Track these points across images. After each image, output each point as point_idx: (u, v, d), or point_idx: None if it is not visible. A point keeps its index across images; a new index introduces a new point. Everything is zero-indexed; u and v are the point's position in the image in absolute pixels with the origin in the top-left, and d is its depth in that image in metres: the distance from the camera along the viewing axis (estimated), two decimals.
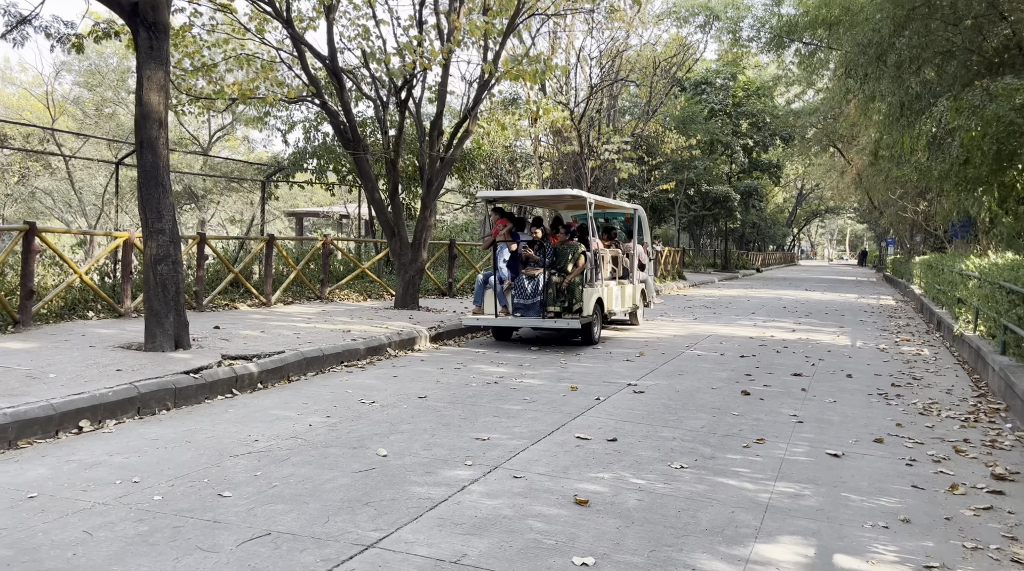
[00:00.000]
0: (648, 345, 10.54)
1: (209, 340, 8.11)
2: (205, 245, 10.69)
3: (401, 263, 12.30)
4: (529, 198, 10.81)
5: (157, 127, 6.92)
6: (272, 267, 11.87)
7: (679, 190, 32.95)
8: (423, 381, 7.39)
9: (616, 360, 9.09)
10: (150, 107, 6.88)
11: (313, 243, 13.83)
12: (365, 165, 11.94)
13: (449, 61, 11.76)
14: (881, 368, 9.01)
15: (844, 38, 16.29)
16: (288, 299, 12.69)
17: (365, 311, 12.08)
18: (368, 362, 8.55)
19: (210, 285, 11.57)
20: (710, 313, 16.15)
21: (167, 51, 7.04)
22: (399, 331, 9.70)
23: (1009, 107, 9.15)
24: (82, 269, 9.54)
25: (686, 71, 38.60)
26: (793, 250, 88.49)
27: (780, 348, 10.53)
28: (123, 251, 9.70)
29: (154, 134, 6.89)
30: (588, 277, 10.42)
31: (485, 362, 8.73)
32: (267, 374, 7.02)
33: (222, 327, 9.30)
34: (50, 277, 10.16)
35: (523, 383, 7.42)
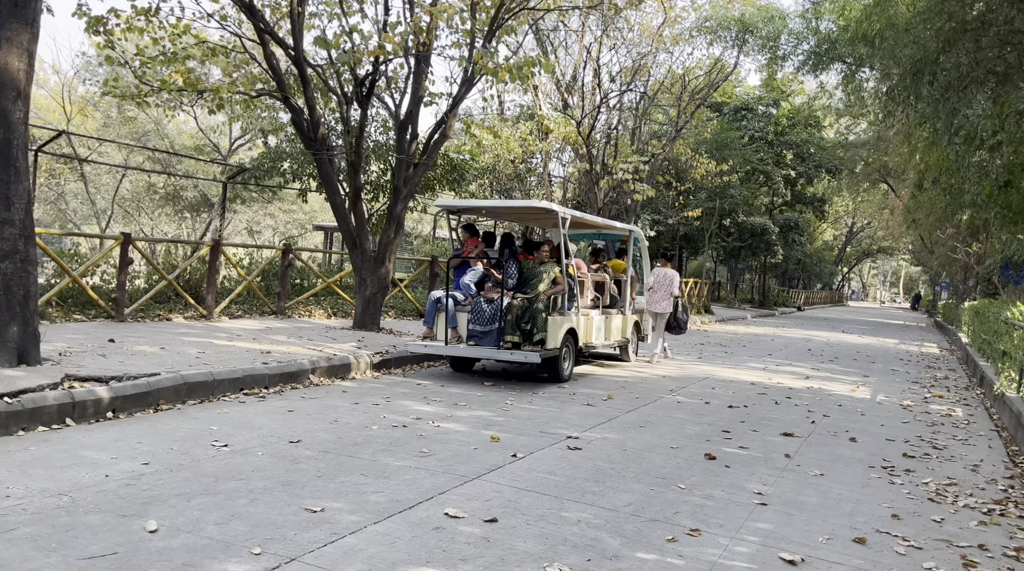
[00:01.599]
0: (626, 386, 9.20)
1: (75, 357, 7.03)
2: (130, 247, 9.71)
3: (361, 278, 11.18)
4: (492, 209, 9.61)
5: (14, 98, 5.93)
6: (216, 276, 10.82)
7: (710, 219, 31.43)
8: (318, 419, 6.19)
9: (575, 403, 7.77)
10: (7, 74, 5.90)
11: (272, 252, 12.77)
12: (327, 167, 10.90)
13: (423, 57, 10.70)
14: (897, 431, 7.52)
15: (886, 55, 14.85)
16: (237, 313, 11.65)
17: (316, 330, 10.96)
18: (276, 391, 7.39)
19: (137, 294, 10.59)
20: (721, 351, 14.68)
21: (37, 10, 6.07)
22: (331, 356, 8.53)
23: None
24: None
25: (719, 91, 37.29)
26: (841, 290, 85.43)
27: (782, 398, 9.08)
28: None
29: (8, 106, 5.90)
30: (559, 304, 9.14)
31: (416, 398, 7.50)
32: (125, 401, 5.89)
33: (119, 340, 8.25)
34: None
35: (439, 428, 6.17)
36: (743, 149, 30.35)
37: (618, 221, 21.82)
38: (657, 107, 26.10)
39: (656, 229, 25.48)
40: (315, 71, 10.77)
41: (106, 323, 9.55)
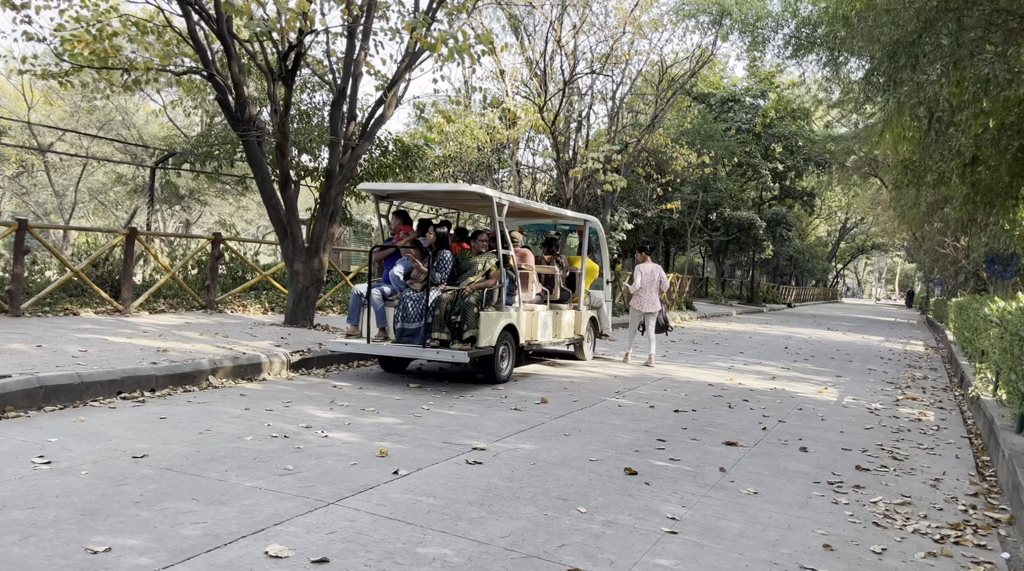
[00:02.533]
0: (569, 388, 8.50)
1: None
2: (26, 233, 8.95)
3: (293, 270, 10.44)
4: (422, 194, 8.87)
5: None
6: (131, 268, 10.06)
7: (693, 213, 30.74)
8: (188, 429, 5.47)
9: (501, 408, 7.07)
10: None
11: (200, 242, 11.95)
12: (255, 149, 10.16)
13: (364, 31, 9.94)
14: (856, 438, 6.84)
15: (864, 36, 14.16)
16: (160, 308, 10.89)
17: (242, 326, 10.22)
18: (163, 394, 6.66)
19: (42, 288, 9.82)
20: (690, 350, 14.00)
21: None
22: (237, 355, 7.80)
23: None
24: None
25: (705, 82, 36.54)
26: (836, 287, 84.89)
27: (738, 401, 8.40)
28: None
29: None
30: (496, 298, 8.43)
31: (322, 403, 6.78)
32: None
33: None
34: None
35: (325, 439, 5.45)
36: (726, 140, 29.63)
37: (591, 213, 21.11)
38: (636, 95, 25.40)
39: (635, 222, 24.76)
40: (242, 46, 10.01)
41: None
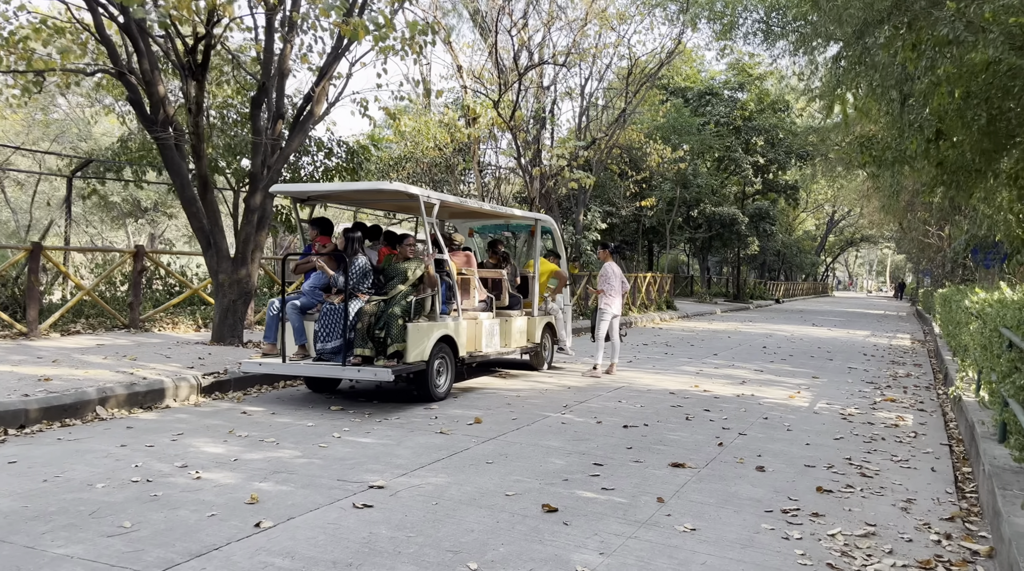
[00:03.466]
0: (513, 403, 7.77)
1: None
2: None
3: (218, 283, 9.67)
4: (338, 194, 8.11)
5: None
6: (36, 286, 9.26)
7: (672, 210, 30.09)
8: (35, 474, 4.72)
9: (424, 432, 6.33)
10: None
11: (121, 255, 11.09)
12: (171, 153, 9.40)
13: (282, 21, 9.21)
14: (823, 452, 6.15)
15: (831, 18, 13.52)
16: (75, 328, 10.10)
17: (160, 346, 9.43)
18: (35, 430, 5.89)
19: None
20: (661, 353, 13.31)
21: None
22: (134, 381, 7.03)
23: (1010, 46, 6.02)
24: None
25: (682, 77, 35.97)
26: (826, 280, 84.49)
27: (698, 411, 7.69)
28: None
29: None
30: (425, 308, 7.70)
31: (218, 435, 6.03)
32: None
33: None
34: None
35: (194, 482, 4.71)
36: (703, 134, 29.01)
37: (562, 213, 20.41)
38: (607, 90, 24.76)
39: (609, 221, 24.09)
40: (154, 41, 9.24)
41: None
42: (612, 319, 10.18)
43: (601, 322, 10.16)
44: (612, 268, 10.16)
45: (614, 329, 10.24)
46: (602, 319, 10.16)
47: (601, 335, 10.19)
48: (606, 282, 10.10)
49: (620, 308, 10.17)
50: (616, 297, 10.10)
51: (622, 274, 10.20)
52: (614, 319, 10.20)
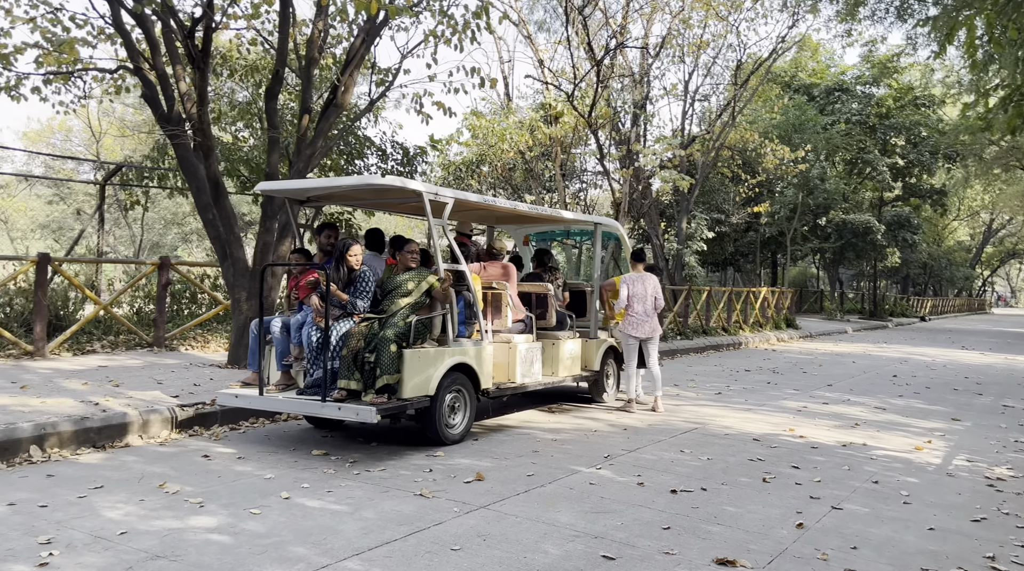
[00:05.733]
0: (542, 450, 6.26)
1: None
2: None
3: (235, 298, 8.72)
4: (327, 192, 6.80)
5: None
6: (43, 301, 8.62)
7: (794, 218, 27.33)
8: None
9: (398, 495, 4.95)
10: None
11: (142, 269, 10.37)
12: (186, 152, 8.56)
13: None
14: (956, 541, 4.28)
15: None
16: (92, 347, 9.43)
17: (167, 368, 8.55)
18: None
19: None
20: (761, 382, 11.34)
21: None
22: (85, 416, 6.05)
23: None
24: None
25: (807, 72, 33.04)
26: (983, 296, 76.57)
27: (783, 468, 5.91)
28: None
29: None
30: (435, 329, 6.34)
31: (141, 490, 4.90)
32: None
33: None
34: None
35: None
36: (828, 132, 26.17)
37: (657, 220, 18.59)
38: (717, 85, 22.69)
39: (717, 229, 21.95)
40: (148, 25, 8.41)
41: None
42: (644, 343, 8.42)
43: (624, 348, 8.50)
44: (630, 279, 8.37)
45: (652, 355, 8.46)
46: (624, 344, 8.50)
47: (628, 363, 8.49)
48: (622, 300, 8.35)
49: (649, 329, 8.34)
50: (636, 317, 8.32)
51: (652, 288, 8.36)
52: (647, 343, 8.42)
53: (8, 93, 9.55)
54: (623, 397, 8.84)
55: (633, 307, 8.29)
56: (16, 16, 8.87)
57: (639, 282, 8.30)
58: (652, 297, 8.31)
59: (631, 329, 8.31)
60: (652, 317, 8.33)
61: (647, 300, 8.30)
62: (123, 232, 31.69)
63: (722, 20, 18.92)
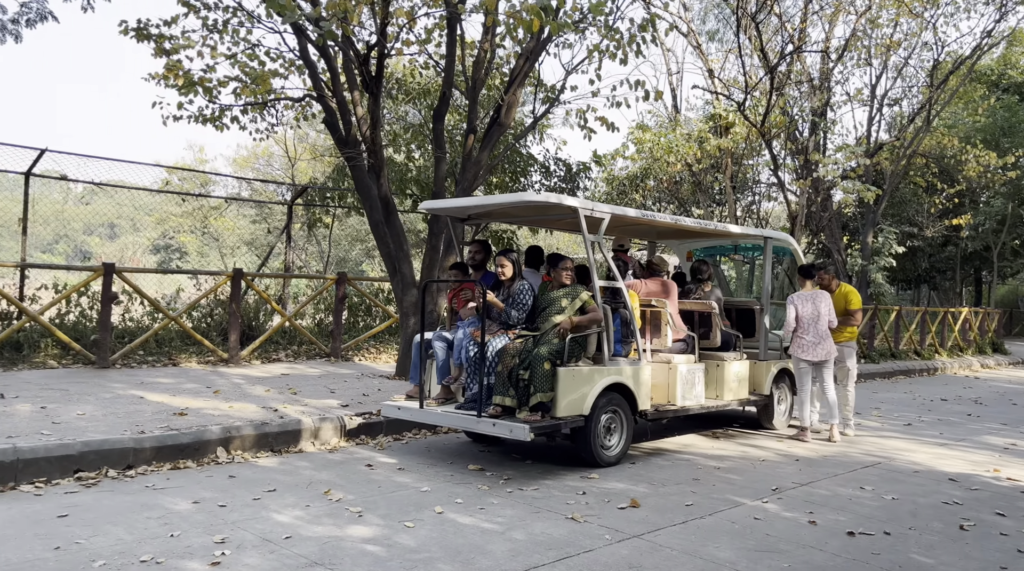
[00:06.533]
0: (704, 479, 5.93)
1: None
2: (113, 277, 8.57)
3: (404, 312, 9.05)
4: (486, 209, 6.80)
5: None
6: (237, 312, 9.36)
7: (1002, 231, 24.49)
8: (55, 539, 4.13)
9: (549, 516, 4.83)
10: None
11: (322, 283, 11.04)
12: (360, 173, 9.02)
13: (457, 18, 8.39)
14: None
15: None
16: (276, 356, 10.12)
17: (340, 378, 9.00)
18: (142, 471, 5.48)
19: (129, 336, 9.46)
20: (960, 414, 10.18)
21: None
22: (265, 421, 6.46)
23: None
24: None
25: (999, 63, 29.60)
26: None
27: (984, 514, 5.19)
28: None
29: None
30: (589, 348, 6.21)
31: (309, 496, 5.14)
32: None
33: (18, 397, 6.95)
34: None
35: (206, 569, 3.77)
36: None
37: (842, 233, 17.31)
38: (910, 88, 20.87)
39: (908, 244, 20.09)
40: (329, 54, 8.94)
41: (78, 371, 8.48)
42: (818, 367, 7.71)
43: (796, 372, 7.90)
44: (799, 298, 7.68)
45: (825, 380, 7.72)
46: (795, 368, 7.88)
47: (801, 388, 7.82)
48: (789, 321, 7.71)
49: (822, 352, 7.60)
50: (806, 339, 7.62)
51: (824, 307, 7.61)
52: (822, 367, 7.69)
53: (213, 123, 10.53)
54: (796, 424, 8.24)
55: (803, 328, 7.70)
56: (219, 52, 9.78)
57: (809, 301, 7.69)
58: (824, 317, 7.67)
59: (802, 352, 7.71)
60: (826, 339, 7.68)
61: (819, 320, 7.68)
62: (314, 248, 34.23)
63: (916, 17, 17.40)
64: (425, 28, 9.37)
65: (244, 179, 22.77)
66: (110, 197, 12.29)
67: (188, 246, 37.67)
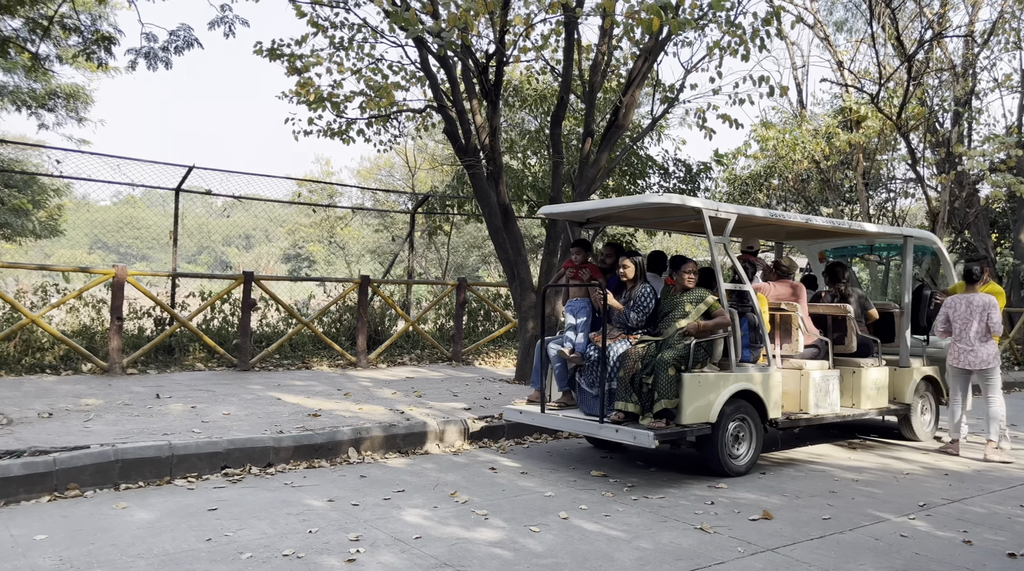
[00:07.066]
0: (841, 491, 5.63)
1: (38, 423, 6.26)
2: (252, 285, 9.06)
3: (522, 317, 9.11)
4: (607, 213, 6.68)
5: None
6: (364, 317, 9.71)
7: None
8: (206, 531, 4.40)
9: (677, 525, 4.72)
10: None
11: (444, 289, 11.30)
12: (480, 181, 9.17)
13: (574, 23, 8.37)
14: None
15: None
16: (401, 360, 10.40)
17: (460, 382, 9.14)
18: (281, 468, 5.78)
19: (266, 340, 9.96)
20: None
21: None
22: (393, 423, 6.66)
23: None
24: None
25: None
26: None
27: None
28: None
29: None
30: (716, 353, 6.03)
31: (436, 497, 5.24)
32: (6, 484, 4.79)
33: (170, 396, 7.45)
34: None
35: (343, 566, 3.92)
36: None
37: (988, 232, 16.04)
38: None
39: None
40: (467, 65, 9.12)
41: (222, 373, 9.03)
42: (974, 375, 7.11)
43: (949, 380, 7.37)
44: (955, 302, 7.07)
45: (988, 392, 7.07)
46: (948, 375, 7.34)
47: (952, 398, 7.25)
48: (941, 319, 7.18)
49: (976, 360, 6.98)
50: (959, 345, 7.03)
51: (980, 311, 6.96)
52: (979, 376, 7.07)
53: (340, 136, 10.98)
54: (944, 436, 7.68)
55: (955, 333, 7.16)
56: (345, 67, 10.20)
57: (962, 304, 7.13)
58: (980, 321, 7.08)
59: (953, 359, 7.17)
60: (983, 345, 7.08)
61: (971, 325, 7.10)
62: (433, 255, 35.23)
63: None
64: (541, 34, 9.45)
65: (369, 189, 23.67)
66: (246, 209, 13.05)
67: (316, 255, 39.56)
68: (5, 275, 14.84)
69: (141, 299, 9.69)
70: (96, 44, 10.02)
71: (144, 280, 9.29)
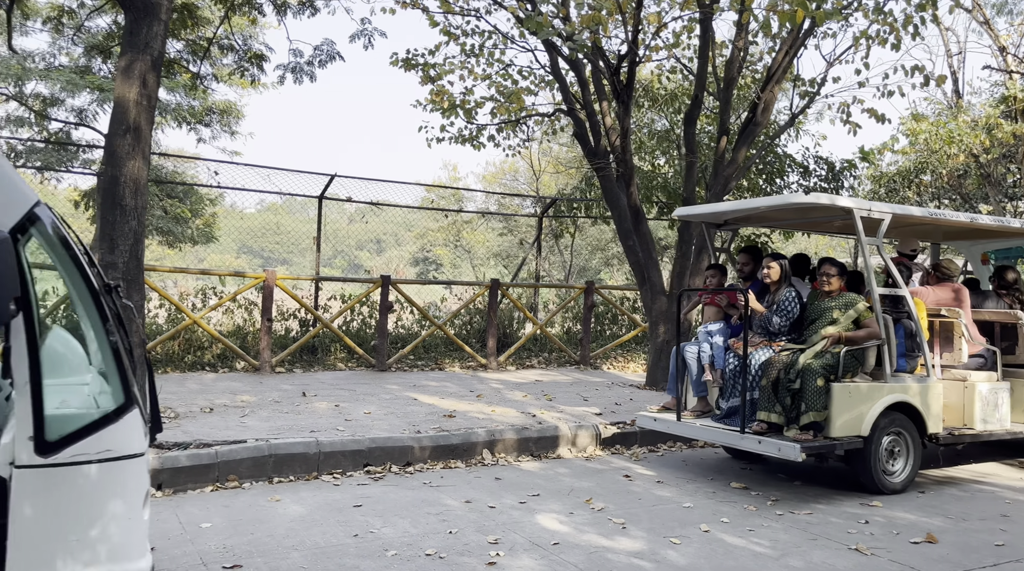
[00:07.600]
0: (1016, 516, 5.15)
1: (200, 417, 6.66)
2: (389, 289, 9.34)
3: (652, 321, 8.93)
4: (745, 214, 6.34)
5: (123, 132, 5.84)
6: (494, 320, 9.81)
7: None
8: (351, 527, 4.57)
9: (830, 544, 4.45)
10: (122, 108, 5.85)
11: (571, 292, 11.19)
12: (609, 183, 9.07)
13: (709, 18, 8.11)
14: None
15: None
16: (530, 363, 10.43)
17: (590, 387, 9.05)
18: (420, 468, 5.93)
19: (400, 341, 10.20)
20: None
21: (152, 36, 5.93)
22: (526, 426, 6.69)
23: None
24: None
25: None
26: None
27: None
28: None
29: (118, 142, 5.83)
30: (868, 362, 5.67)
31: (572, 503, 5.21)
32: (175, 475, 5.15)
33: (316, 395, 7.78)
34: None
35: (483, 568, 3.95)
36: None
37: None
38: None
39: None
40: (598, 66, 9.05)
41: (361, 373, 9.36)
42: None
43: None
44: None
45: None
46: None
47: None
48: None
49: None
50: None
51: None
52: None
53: (471, 142, 11.18)
54: None
55: None
56: (476, 74, 10.37)
57: None
58: None
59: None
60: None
61: None
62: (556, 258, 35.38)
63: None
64: (673, 32, 9.24)
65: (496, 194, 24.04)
66: (377, 215, 13.50)
67: (443, 258, 40.57)
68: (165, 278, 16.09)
69: (287, 301, 10.23)
70: (249, 62, 10.69)
71: (290, 284, 9.80)
